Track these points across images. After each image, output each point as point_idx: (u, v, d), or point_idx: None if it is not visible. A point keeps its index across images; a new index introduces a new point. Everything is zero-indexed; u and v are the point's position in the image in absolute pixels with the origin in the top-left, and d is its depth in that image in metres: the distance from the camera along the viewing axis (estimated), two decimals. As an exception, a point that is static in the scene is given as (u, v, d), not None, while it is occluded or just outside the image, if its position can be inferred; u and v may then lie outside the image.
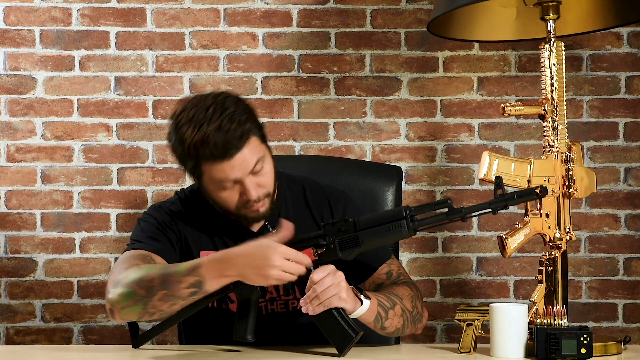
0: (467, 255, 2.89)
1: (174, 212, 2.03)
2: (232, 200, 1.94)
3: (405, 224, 1.79)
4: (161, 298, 1.81)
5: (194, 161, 1.90)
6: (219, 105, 1.90)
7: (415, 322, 1.97)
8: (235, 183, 1.91)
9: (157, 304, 1.82)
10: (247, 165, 1.90)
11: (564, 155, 1.96)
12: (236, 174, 1.89)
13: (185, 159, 1.92)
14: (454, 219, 1.78)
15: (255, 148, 1.92)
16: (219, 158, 1.87)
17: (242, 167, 1.89)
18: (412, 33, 2.88)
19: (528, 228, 1.92)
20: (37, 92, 2.85)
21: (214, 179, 1.91)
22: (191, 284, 1.80)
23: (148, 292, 1.82)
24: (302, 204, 2.08)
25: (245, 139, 1.89)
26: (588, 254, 2.88)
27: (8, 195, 2.85)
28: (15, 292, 2.84)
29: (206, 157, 1.87)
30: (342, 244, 1.83)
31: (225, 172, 1.89)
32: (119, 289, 1.84)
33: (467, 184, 2.88)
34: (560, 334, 1.74)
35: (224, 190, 1.92)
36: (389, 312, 1.90)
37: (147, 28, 2.87)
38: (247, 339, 1.87)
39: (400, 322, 1.93)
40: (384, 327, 1.90)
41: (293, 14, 2.88)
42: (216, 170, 1.89)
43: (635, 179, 2.88)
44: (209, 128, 1.86)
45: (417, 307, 1.98)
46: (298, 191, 2.10)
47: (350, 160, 2.72)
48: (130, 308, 1.84)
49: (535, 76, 2.87)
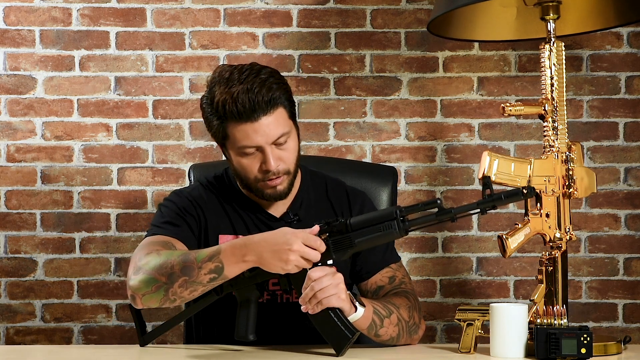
0: (467, 255, 2.89)
1: (194, 197, 2.05)
2: (251, 169, 1.95)
3: (396, 225, 1.79)
4: (182, 284, 1.82)
5: (219, 120, 1.93)
6: (254, 70, 1.93)
7: (411, 332, 1.97)
8: (257, 150, 1.93)
9: (177, 291, 1.83)
10: (271, 133, 1.92)
11: (564, 155, 1.96)
12: (259, 139, 1.91)
13: (212, 118, 1.94)
14: (444, 219, 1.78)
15: (282, 120, 1.94)
16: (243, 119, 1.90)
17: (265, 133, 1.91)
18: (412, 33, 2.88)
19: (528, 228, 1.92)
20: (37, 92, 2.85)
21: (237, 142, 1.93)
22: (211, 269, 1.81)
23: (169, 279, 1.83)
24: (324, 197, 2.10)
25: (272, 106, 1.91)
26: (588, 254, 2.88)
27: (8, 195, 2.85)
28: (15, 292, 2.84)
29: (232, 116, 1.90)
30: (335, 245, 1.83)
31: (248, 135, 1.91)
32: (139, 276, 1.85)
33: (467, 184, 2.89)
34: (560, 334, 1.74)
35: (245, 157, 1.94)
36: (384, 321, 1.90)
37: (147, 28, 2.87)
38: (249, 338, 1.87)
39: (395, 331, 1.92)
40: (378, 335, 1.90)
41: (293, 14, 2.88)
42: (240, 132, 1.91)
43: (635, 179, 2.88)
44: (238, 87, 1.89)
45: (414, 317, 1.97)
46: (320, 184, 2.12)
47: (345, 161, 2.72)
48: (151, 295, 1.85)
49: (535, 76, 2.87)
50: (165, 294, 1.84)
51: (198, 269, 1.81)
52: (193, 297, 1.85)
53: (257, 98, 1.89)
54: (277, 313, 2.03)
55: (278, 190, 1.97)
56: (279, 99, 1.93)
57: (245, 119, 1.90)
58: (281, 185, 1.97)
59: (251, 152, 1.94)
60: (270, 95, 1.91)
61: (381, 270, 2.05)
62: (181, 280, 1.82)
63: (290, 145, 1.96)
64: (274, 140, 1.93)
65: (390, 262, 2.07)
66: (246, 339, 1.88)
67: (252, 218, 2.04)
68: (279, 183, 1.96)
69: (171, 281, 1.82)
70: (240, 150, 1.94)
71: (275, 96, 1.91)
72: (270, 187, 1.97)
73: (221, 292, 1.91)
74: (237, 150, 1.94)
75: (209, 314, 2.05)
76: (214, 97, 1.93)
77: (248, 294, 1.89)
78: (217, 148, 2.84)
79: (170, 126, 2.87)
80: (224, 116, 1.92)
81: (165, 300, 1.85)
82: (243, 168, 1.96)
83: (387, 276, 2.05)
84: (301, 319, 1.92)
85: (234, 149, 1.95)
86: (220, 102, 1.91)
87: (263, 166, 1.94)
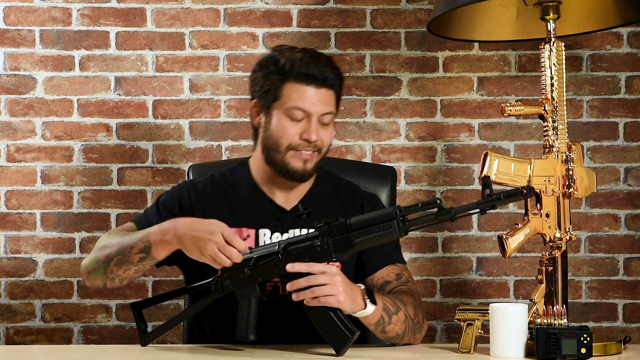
0: (467, 255, 2.89)
1: (197, 191, 2.09)
2: (290, 134, 2.00)
3: (395, 225, 1.79)
4: (117, 263, 1.94)
5: (280, 77, 2.00)
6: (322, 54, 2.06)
7: (415, 331, 1.97)
8: (303, 117, 1.99)
9: (114, 269, 1.95)
10: (323, 106, 2.00)
11: (564, 155, 1.96)
12: (311, 105, 1.99)
13: (272, 76, 2.01)
14: (443, 219, 1.78)
15: (333, 103, 2.03)
16: (306, 81, 1.98)
17: (319, 103, 1.99)
18: (412, 33, 2.89)
19: (528, 228, 1.92)
20: (37, 92, 2.85)
21: (289, 101, 1.99)
22: (140, 249, 1.91)
23: (107, 258, 1.95)
24: (336, 197, 2.12)
25: (333, 84, 2.01)
26: (588, 254, 2.88)
27: (8, 195, 2.85)
28: (15, 292, 2.84)
29: (297, 75, 1.98)
30: (335, 245, 1.83)
31: (303, 97, 1.98)
32: (89, 256, 2.00)
33: (467, 184, 2.89)
34: (560, 333, 1.74)
35: (290, 120, 2.00)
36: (393, 317, 1.89)
37: (147, 28, 2.87)
38: (249, 338, 1.88)
39: (402, 328, 1.92)
40: (384, 331, 1.90)
41: (293, 14, 2.88)
42: (297, 93, 1.98)
43: (635, 179, 2.88)
44: (309, 54, 2.01)
45: (419, 316, 1.97)
46: (334, 185, 2.15)
47: (344, 161, 2.72)
48: (94, 273, 1.98)
49: (535, 76, 2.87)
50: (104, 272, 1.96)
51: (130, 248, 1.92)
52: (128, 276, 1.96)
53: (325, 69, 2.00)
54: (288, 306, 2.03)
55: (306, 166, 2.01)
56: (339, 83, 2.04)
57: (307, 82, 1.98)
58: (309, 163, 2.02)
59: (297, 117, 1.99)
60: (334, 74, 2.02)
61: (388, 266, 2.06)
62: (116, 259, 1.94)
63: (329, 131, 2.04)
64: (323, 114, 2.00)
65: (397, 261, 2.08)
66: (246, 339, 1.88)
67: (260, 210, 2.06)
68: (309, 158, 2.01)
69: (108, 260, 1.95)
70: (288, 110, 1.99)
71: (338, 79, 2.03)
72: (299, 159, 2.01)
73: (222, 291, 1.91)
74: (286, 110, 2.00)
75: (209, 313, 2.05)
76: (281, 57, 2.01)
77: (248, 294, 1.89)
78: (217, 148, 2.85)
79: (170, 126, 2.87)
80: (287, 73, 1.99)
81: (106, 278, 1.97)
82: (283, 130, 2.00)
83: (395, 272, 2.05)
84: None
85: (281, 109, 2.00)
86: (288, 61, 1.99)
87: (303, 135, 1.99)
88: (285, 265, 1.86)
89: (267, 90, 2.02)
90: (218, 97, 2.87)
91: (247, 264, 1.89)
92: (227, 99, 2.87)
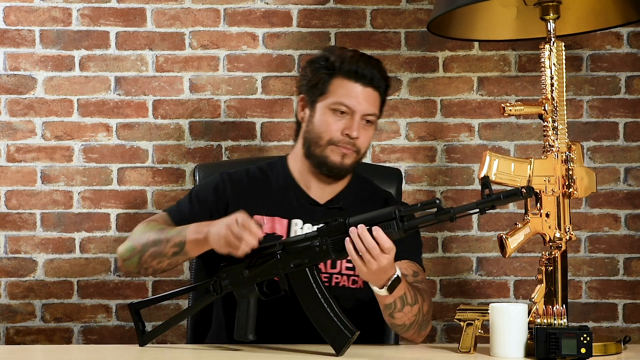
0: (467, 255, 2.89)
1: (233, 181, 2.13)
2: (332, 129, 2.04)
3: (395, 225, 1.79)
4: (151, 254, 1.98)
5: (329, 73, 2.05)
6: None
7: (421, 328, 1.97)
8: (346, 114, 2.03)
9: (147, 260, 1.99)
10: (368, 106, 2.05)
11: (564, 155, 1.96)
12: (356, 103, 2.03)
13: (320, 71, 2.07)
14: (443, 219, 1.78)
15: (377, 106, 2.08)
16: (354, 78, 2.04)
17: (364, 102, 2.04)
18: (412, 33, 2.88)
19: (528, 228, 1.92)
20: (37, 92, 2.85)
21: (336, 97, 2.04)
22: (175, 243, 1.95)
23: (143, 247, 2.00)
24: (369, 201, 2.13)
25: (379, 86, 2.06)
26: (588, 254, 2.88)
27: (8, 195, 2.85)
28: (15, 292, 2.84)
29: (345, 72, 2.04)
30: (334, 245, 1.83)
31: (350, 94, 2.03)
32: (126, 243, 2.05)
33: (467, 184, 2.88)
34: (560, 333, 1.74)
35: (334, 115, 2.04)
36: (406, 307, 1.89)
37: (147, 28, 2.87)
38: (248, 338, 1.88)
39: (410, 320, 1.92)
40: (392, 316, 1.90)
41: (293, 14, 2.88)
42: (344, 89, 2.04)
43: (635, 179, 2.88)
44: (362, 55, 2.07)
45: (429, 315, 1.99)
46: (367, 188, 2.20)
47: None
48: (129, 261, 2.03)
49: (535, 76, 2.87)
50: (138, 261, 2.01)
51: (166, 242, 1.95)
52: (161, 267, 1.99)
53: (374, 70, 2.05)
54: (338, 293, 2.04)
55: (344, 161, 2.05)
56: (385, 86, 2.09)
57: (355, 79, 2.03)
58: (347, 159, 2.05)
59: (341, 113, 2.04)
60: (382, 76, 2.07)
61: (407, 261, 2.06)
62: (151, 251, 1.97)
63: (369, 134, 2.08)
64: (366, 113, 2.05)
65: (416, 260, 2.10)
66: (246, 339, 1.88)
67: (294, 202, 2.09)
68: (348, 154, 2.05)
69: (144, 250, 1.99)
70: (333, 105, 2.04)
71: (385, 81, 2.08)
72: (339, 153, 2.04)
73: (221, 291, 1.92)
74: (331, 105, 2.04)
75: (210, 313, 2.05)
76: (328, 56, 2.07)
77: (247, 294, 1.89)
78: (217, 148, 2.85)
79: (170, 126, 2.87)
80: (337, 69, 2.05)
81: (140, 267, 2.02)
82: (326, 125, 2.05)
83: (412, 269, 2.06)
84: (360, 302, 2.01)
85: (326, 104, 2.05)
86: (338, 58, 2.05)
87: (345, 130, 2.03)
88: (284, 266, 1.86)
89: (314, 84, 2.07)
90: (218, 97, 2.87)
91: (246, 264, 1.89)
92: (227, 99, 2.87)
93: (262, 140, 2.86)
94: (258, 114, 2.87)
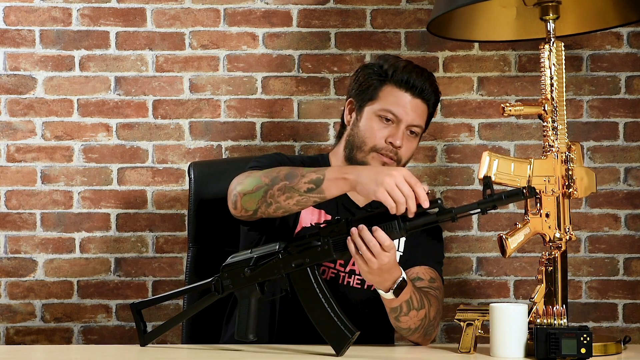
0: (467, 255, 2.89)
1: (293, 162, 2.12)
2: (376, 135, 2.06)
3: (396, 225, 1.79)
4: (281, 188, 1.89)
5: (380, 80, 2.09)
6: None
7: (427, 332, 1.98)
8: (392, 122, 2.05)
9: (275, 193, 1.89)
10: (415, 117, 2.06)
11: (564, 155, 1.96)
12: (404, 112, 2.05)
13: (372, 77, 2.10)
14: (444, 220, 1.78)
15: (424, 118, 2.11)
16: (405, 88, 2.07)
17: (411, 112, 2.06)
18: (412, 33, 2.88)
19: (528, 228, 1.92)
20: (37, 92, 2.85)
21: (384, 104, 2.06)
22: (312, 179, 1.87)
23: (272, 181, 1.90)
24: None
25: (429, 99, 2.09)
26: (588, 254, 2.88)
27: (8, 195, 2.85)
28: (15, 292, 2.84)
29: (397, 80, 2.07)
30: (335, 244, 1.83)
31: (398, 102, 2.05)
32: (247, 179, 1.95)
33: (467, 184, 2.89)
34: (560, 333, 1.74)
35: (379, 121, 2.06)
36: (412, 312, 1.90)
37: (147, 28, 2.87)
38: (249, 338, 1.88)
39: (416, 324, 1.93)
40: (398, 320, 1.90)
41: (293, 14, 2.88)
42: (393, 97, 2.06)
43: (635, 179, 2.88)
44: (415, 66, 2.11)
45: (436, 321, 1.99)
46: None
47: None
48: (252, 194, 1.92)
49: (535, 76, 2.87)
50: (264, 195, 1.90)
51: (301, 177, 1.88)
52: (288, 205, 1.89)
53: (425, 82, 2.08)
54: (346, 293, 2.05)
55: None
56: (434, 100, 2.12)
57: (406, 88, 2.06)
58: None
59: (387, 120, 2.06)
60: (433, 89, 2.10)
61: (426, 267, 2.07)
62: (281, 184, 1.89)
63: (413, 144, 2.10)
64: (412, 124, 2.06)
65: (436, 268, 2.10)
66: (246, 339, 1.88)
67: (337, 200, 2.06)
68: (389, 163, 2.06)
69: (273, 183, 1.90)
70: (380, 112, 2.06)
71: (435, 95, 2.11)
72: (379, 161, 2.06)
73: (222, 291, 1.92)
74: (378, 111, 2.06)
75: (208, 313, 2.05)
76: (382, 63, 2.10)
77: (248, 294, 1.89)
78: (217, 148, 2.84)
79: (170, 126, 2.87)
80: (389, 77, 2.07)
81: (262, 202, 1.91)
82: (371, 131, 2.06)
83: (430, 275, 2.06)
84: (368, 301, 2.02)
85: (374, 110, 2.07)
86: (392, 66, 2.08)
87: (389, 138, 2.05)
88: (285, 265, 1.86)
89: (365, 89, 2.09)
90: (218, 97, 2.87)
91: (247, 264, 1.89)
92: (227, 99, 2.87)
93: (262, 140, 2.86)
94: (258, 114, 2.87)
